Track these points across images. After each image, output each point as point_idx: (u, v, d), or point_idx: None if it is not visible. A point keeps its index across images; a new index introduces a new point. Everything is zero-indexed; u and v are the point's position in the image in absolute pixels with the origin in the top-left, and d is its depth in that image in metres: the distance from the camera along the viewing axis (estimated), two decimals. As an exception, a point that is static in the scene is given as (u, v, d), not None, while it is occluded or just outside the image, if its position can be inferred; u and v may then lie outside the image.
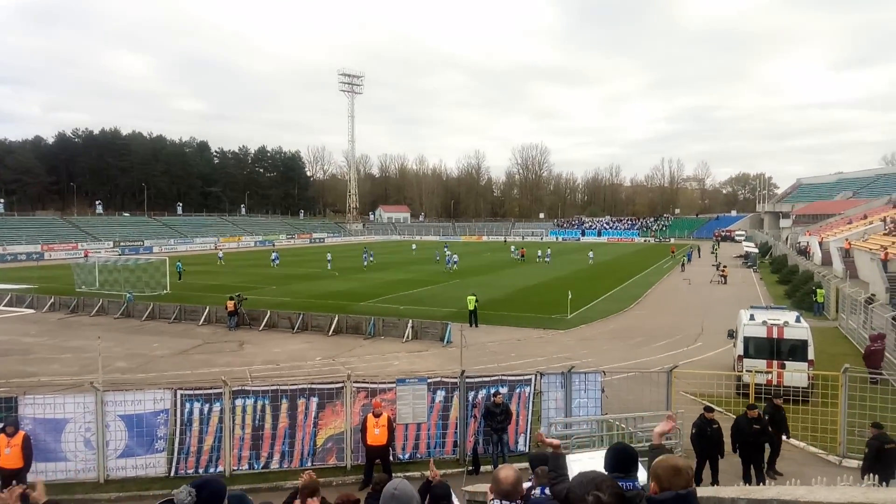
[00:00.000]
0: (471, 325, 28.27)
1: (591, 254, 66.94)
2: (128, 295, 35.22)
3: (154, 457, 12.69)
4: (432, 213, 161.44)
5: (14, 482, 9.78)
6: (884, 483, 10.62)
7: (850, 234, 56.41)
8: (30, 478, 11.32)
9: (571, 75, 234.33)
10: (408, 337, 26.48)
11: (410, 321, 27.28)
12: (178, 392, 12.97)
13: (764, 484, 11.32)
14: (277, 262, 62.09)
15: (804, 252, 59.52)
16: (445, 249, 59.04)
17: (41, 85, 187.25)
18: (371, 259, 63.10)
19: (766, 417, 12.49)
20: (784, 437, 12.99)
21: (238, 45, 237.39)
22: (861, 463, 11.91)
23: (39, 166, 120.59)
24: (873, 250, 43.28)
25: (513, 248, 79.44)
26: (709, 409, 12.50)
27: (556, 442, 4.57)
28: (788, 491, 5.98)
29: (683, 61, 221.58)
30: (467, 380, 13.95)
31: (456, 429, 13.86)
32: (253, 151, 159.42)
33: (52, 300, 35.23)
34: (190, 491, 3.55)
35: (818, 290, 33.53)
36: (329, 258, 62.23)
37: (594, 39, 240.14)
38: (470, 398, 13.89)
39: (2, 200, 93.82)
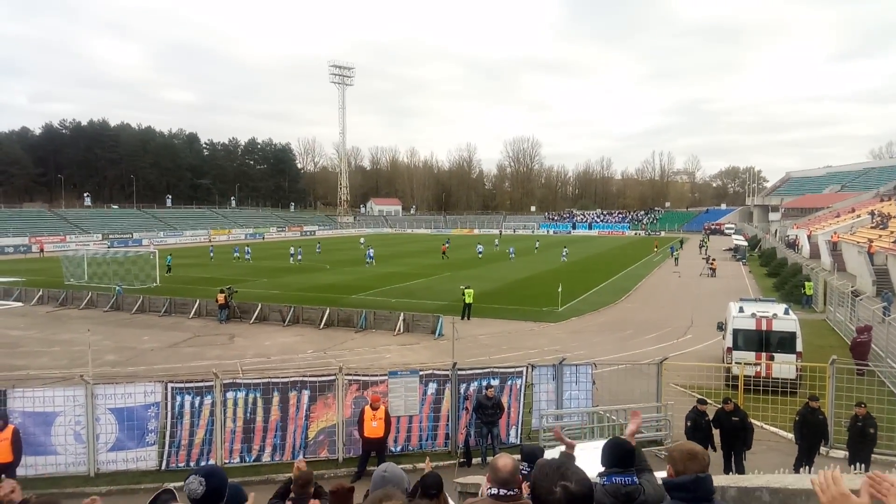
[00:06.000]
0: (463, 318, 28.31)
1: (565, 251, 61.97)
2: (117, 288, 35.00)
3: (145, 450, 12.66)
4: (423, 205, 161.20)
5: (3, 476, 9.74)
6: (861, 464, 10.86)
7: (838, 228, 56.90)
8: (19, 472, 11.27)
9: (566, 67, 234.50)
10: (399, 330, 26.48)
11: (402, 314, 27.27)
12: (169, 385, 12.93)
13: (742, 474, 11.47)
14: (249, 256, 60.82)
15: (793, 245, 59.98)
16: (361, 244, 56.24)
17: (28, 75, 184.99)
18: (299, 259, 58.30)
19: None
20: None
21: (230, 35, 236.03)
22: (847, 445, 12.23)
23: (26, 158, 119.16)
24: (860, 243, 43.69)
25: (495, 241, 77.38)
26: (702, 402, 12.62)
27: (572, 443, 4.63)
28: (777, 479, 6.05)
29: (678, 53, 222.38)
30: (459, 372, 13.99)
31: (448, 421, 13.90)
32: (243, 143, 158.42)
33: (40, 293, 34.92)
34: (200, 480, 3.72)
35: (807, 283, 33.81)
36: (292, 252, 60.14)
37: (589, 30, 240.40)
38: (461, 390, 13.94)
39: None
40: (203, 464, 12.68)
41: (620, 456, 3.70)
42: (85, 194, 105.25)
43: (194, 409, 12.84)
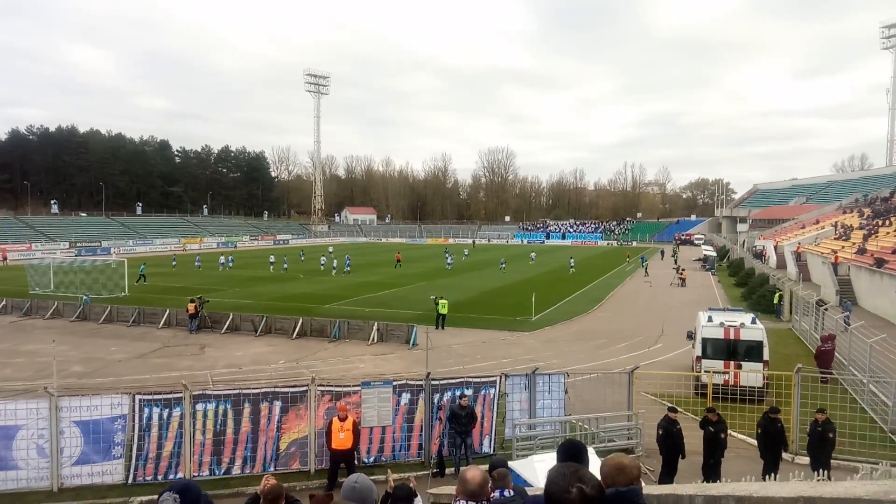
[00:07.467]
0: (437, 328, 28.30)
1: (571, 260, 62.75)
2: (84, 297, 34.22)
3: (111, 464, 12.36)
4: (399, 214, 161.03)
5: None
6: (823, 470, 11.15)
7: (803, 239, 58.40)
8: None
9: (543, 79, 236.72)
10: (373, 339, 26.37)
11: (376, 324, 27.16)
12: (137, 397, 12.66)
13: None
14: (231, 264, 60.92)
15: (760, 255, 61.31)
16: (330, 252, 57.35)
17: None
18: (284, 267, 57.38)
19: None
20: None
21: (204, 42, 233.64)
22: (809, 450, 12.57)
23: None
24: (824, 254, 44.91)
25: (466, 251, 77.03)
26: (672, 410, 12.80)
27: None
28: (743, 487, 6.16)
29: (654, 67, 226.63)
30: (433, 382, 13.98)
31: (421, 431, 13.87)
32: (216, 151, 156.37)
33: (3, 303, 33.94)
34: (175, 497, 3.57)
35: (780, 293, 34.48)
36: (272, 260, 60.91)
37: (567, 44, 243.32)
38: (435, 400, 13.93)
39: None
40: (171, 477, 12.45)
41: (573, 453, 3.81)
42: (52, 201, 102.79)
43: (163, 421, 12.60)
